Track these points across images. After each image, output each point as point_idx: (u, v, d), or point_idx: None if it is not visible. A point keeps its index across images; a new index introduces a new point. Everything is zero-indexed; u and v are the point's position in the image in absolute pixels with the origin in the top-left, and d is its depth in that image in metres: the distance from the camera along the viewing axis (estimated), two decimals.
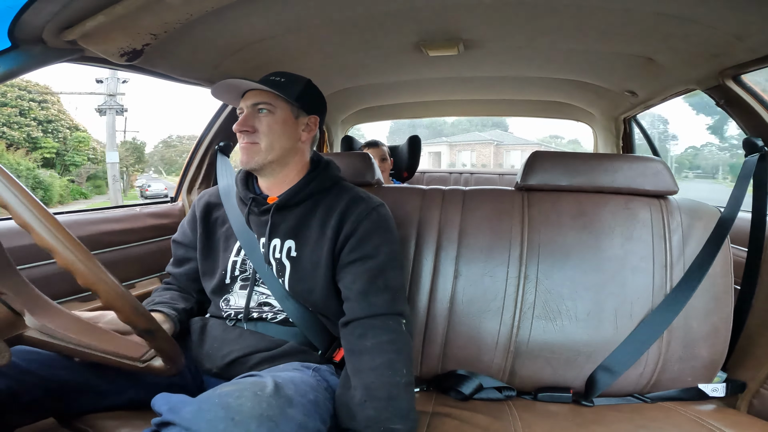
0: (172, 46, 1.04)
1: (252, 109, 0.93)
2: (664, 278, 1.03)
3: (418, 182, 2.96)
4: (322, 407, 0.73)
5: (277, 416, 0.59)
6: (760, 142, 1.05)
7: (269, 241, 0.93)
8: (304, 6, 1.01)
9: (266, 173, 0.97)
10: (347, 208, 0.92)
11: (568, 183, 1.14)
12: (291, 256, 0.92)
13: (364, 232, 0.89)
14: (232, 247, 0.97)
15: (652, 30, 1.06)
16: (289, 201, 0.94)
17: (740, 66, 1.03)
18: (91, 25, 0.77)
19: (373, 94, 2.22)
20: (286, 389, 0.65)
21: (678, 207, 1.08)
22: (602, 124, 2.28)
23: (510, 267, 1.08)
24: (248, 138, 0.92)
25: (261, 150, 0.92)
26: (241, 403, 0.58)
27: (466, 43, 1.27)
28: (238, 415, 0.56)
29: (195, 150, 1.62)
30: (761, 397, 1.01)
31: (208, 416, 0.56)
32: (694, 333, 1.00)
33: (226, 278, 0.96)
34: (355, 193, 0.96)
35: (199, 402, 0.58)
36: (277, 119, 0.93)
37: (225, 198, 1.03)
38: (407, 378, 0.77)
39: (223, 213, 1.01)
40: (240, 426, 0.55)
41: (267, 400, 0.60)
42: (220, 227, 1.01)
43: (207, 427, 0.55)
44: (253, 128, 0.92)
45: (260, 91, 0.93)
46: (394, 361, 0.77)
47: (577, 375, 1.02)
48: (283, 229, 0.94)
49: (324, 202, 0.95)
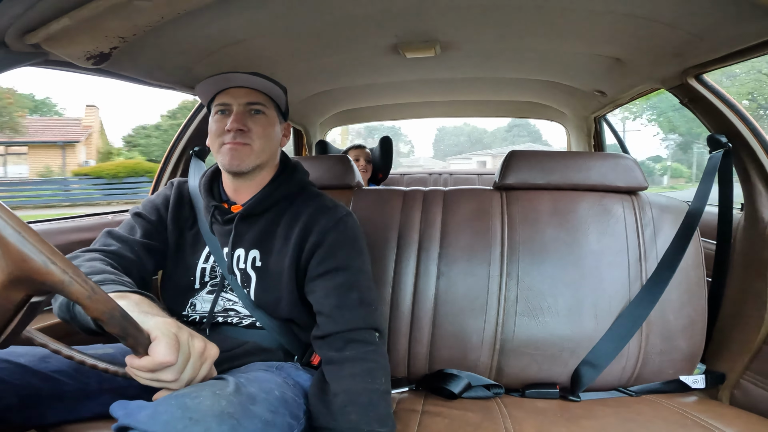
0: (142, 49, 1.00)
1: (245, 108, 0.89)
2: (638, 272, 1.06)
3: (399, 183, 2.97)
4: (292, 403, 0.72)
5: (238, 413, 0.57)
6: (724, 138, 1.09)
7: (232, 251, 0.91)
8: (281, 8, 1.00)
9: (248, 176, 0.93)
10: (312, 217, 0.89)
11: (545, 181, 1.17)
12: (256, 266, 0.90)
13: (331, 243, 0.87)
14: (201, 253, 0.94)
15: (619, 30, 1.09)
16: (253, 210, 0.92)
17: (702, 65, 1.07)
18: (55, 28, 0.73)
19: (351, 97, 2.21)
20: (248, 387, 0.64)
21: (649, 202, 1.12)
22: (574, 123, 2.34)
23: (492, 265, 1.09)
24: (241, 138, 0.88)
25: (253, 152, 0.89)
26: (199, 402, 0.56)
27: (442, 45, 1.28)
28: (196, 414, 0.54)
29: (169, 154, 1.57)
30: (742, 388, 1.05)
31: (164, 417, 0.54)
32: (672, 325, 1.04)
33: (195, 284, 0.93)
34: (321, 201, 0.94)
35: (155, 405, 0.56)
36: (270, 122, 0.92)
37: (196, 201, 0.99)
38: (385, 387, 0.78)
39: (193, 214, 0.98)
40: (199, 424, 0.53)
41: (227, 398, 0.58)
42: (188, 228, 0.97)
43: (164, 428, 0.53)
44: (248, 128, 0.88)
45: (252, 90, 0.90)
46: (373, 370, 0.77)
47: (563, 370, 1.04)
48: (248, 238, 0.91)
49: (289, 210, 0.93)
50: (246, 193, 0.95)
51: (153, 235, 0.94)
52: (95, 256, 0.83)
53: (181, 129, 1.55)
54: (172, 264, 0.96)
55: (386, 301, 1.12)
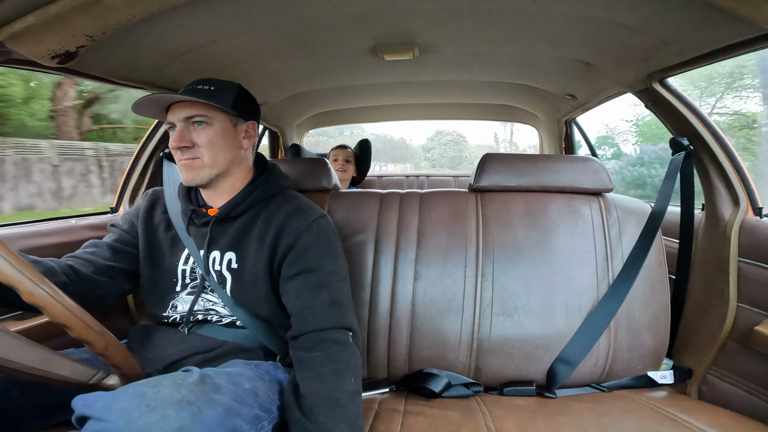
0: (111, 49, 0.97)
1: (186, 123, 0.88)
2: (606, 270, 1.10)
3: (375, 185, 2.97)
4: (263, 397, 0.73)
5: (199, 401, 0.58)
6: (686, 141, 1.15)
7: (208, 253, 0.92)
8: (256, 9, 0.98)
9: (211, 186, 0.94)
10: (286, 220, 0.91)
11: (517, 183, 1.19)
12: (232, 267, 0.91)
13: (304, 245, 0.88)
14: (180, 255, 0.95)
15: (588, 35, 1.12)
16: (229, 213, 0.93)
17: (666, 69, 1.11)
18: (19, 26, 0.71)
19: (328, 99, 2.20)
20: (214, 378, 0.65)
21: (614, 203, 1.16)
22: (546, 126, 2.40)
23: (467, 266, 1.11)
24: (188, 154, 0.88)
25: (204, 165, 0.89)
26: (158, 391, 0.57)
27: (420, 48, 1.30)
28: (153, 402, 0.55)
29: (137, 157, 1.52)
30: (709, 383, 1.10)
31: (120, 405, 0.54)
32: (638, 322, 1.08)
33: (177, 286, 0.94)
34: (296, 203, 0.95)
35: (112, 394, 0.57)
36: (216, 130, 0.90)
37: (170, 205, 0.99)
38: (354, 387, 0.78)
39: (167, 217, 0.98)
40: (156, 412, 0.54)
41: (188, 387, 0.59)
42: (164, 231, 0.98)
43: (119, 415, 0.53)
44: (192, 143, 0.88)
45: (191, 102, 0.88)
46: (342, 370, 0.78)
47: (538, 368, 1.07)
48: (224, 241, 0.92)
49: (264, 213, 0.94)
50: (219, 198, 0.96)
51: (124, 240, 0.98)
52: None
53: (151, 130, 1.50)
54: (150, 267, 0.96)
55: (364, 304, 1.12)
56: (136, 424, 0.52)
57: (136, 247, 0.98)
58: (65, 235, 1.25)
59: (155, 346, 0.88)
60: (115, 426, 0.52)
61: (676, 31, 0.95)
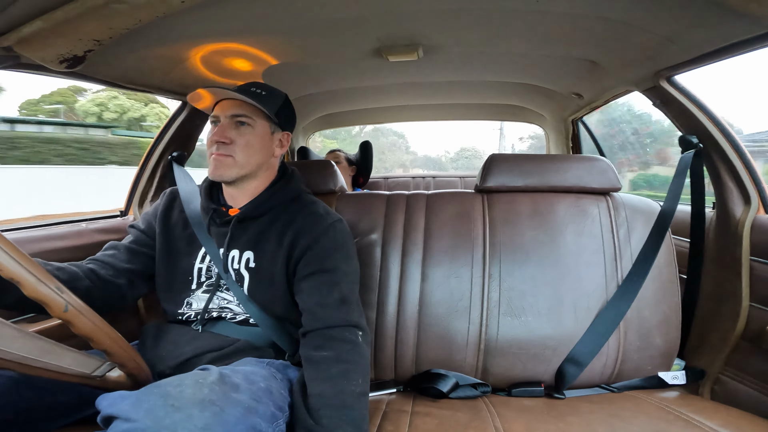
0: (119, 53, 0.98)
1: (230, 120, 0.92)
2: (614, 270, 1.09)
3: (381, 187, 2.97)
4: (277, 395, 0.73)
5: (220, 400, 0.58)
6: (695, 139, 1.13)
7: (227, 252, 0.94)
8: (261, 12, 0.99)
9: (235, 185, 0.97)
10: (304, 223, 0.93)
11: (524, 183, 1.18)
12: (249, 266, 0.93)
13: (321, 248, 0.90)
14: (197, 253, 0.97)
15: (595, 34, 1.12)
16: (249, 214, 0.95)
17: (673, 67, 1.10)
18: (28, 31, 0.72)
19: (334, 101, 2.20)
20: (232, 377, 0.65)
21: (622, 202, 1.15)
22: (553, 126, 2.39)
23: (474, 267, 1.10)
24: (223, 150, 0.91)
25: (235, 164, 0.92)
26: (181, 390, 0.57)
27: (425, 49, 1.29)
28: (177, 402, 0.55)
29: (146, 160, 1.53)
30: (722, 383, 1.09)
31: (146, 405, 0.55)
32: (648, 322, 1.06)
33: (192, 284, 0.96)
34: (314, 208, 0.97)
35: (137, 394, 0.58)
36: (256, 134, 0.93)
37: (186, 204, 1.01)
38: (362, 388, 0.78)
39: (184, 216, 1.00)
40: (181, 411, 0.54)
41: (209, 386, 0.60)
42: (181, 230, 1.00)
43: (146, 415, 0.54)
44: (231, 140, 0.91)
45: (240, 102, 0.91)
46: (350, 371, 0.78)
47: (546, 369, 1.06)
48: (243, 240, 0.94)
49: (284, 215, 0.96)
50: (241, 199, 0.98)
51: (141, 241, 1.00)
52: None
53: (159, 134, 1.51)
54: (167, 265, 0.98)
55: (372, 305, 1.12)
56: (162, 423, 0.53)
57: (151, 248, 1.00)
58: (76, 239, 1.26)
59: (169, 344, 0.90)
60: (143, 425, 0.53)
61: (682, 29, 0.94)
